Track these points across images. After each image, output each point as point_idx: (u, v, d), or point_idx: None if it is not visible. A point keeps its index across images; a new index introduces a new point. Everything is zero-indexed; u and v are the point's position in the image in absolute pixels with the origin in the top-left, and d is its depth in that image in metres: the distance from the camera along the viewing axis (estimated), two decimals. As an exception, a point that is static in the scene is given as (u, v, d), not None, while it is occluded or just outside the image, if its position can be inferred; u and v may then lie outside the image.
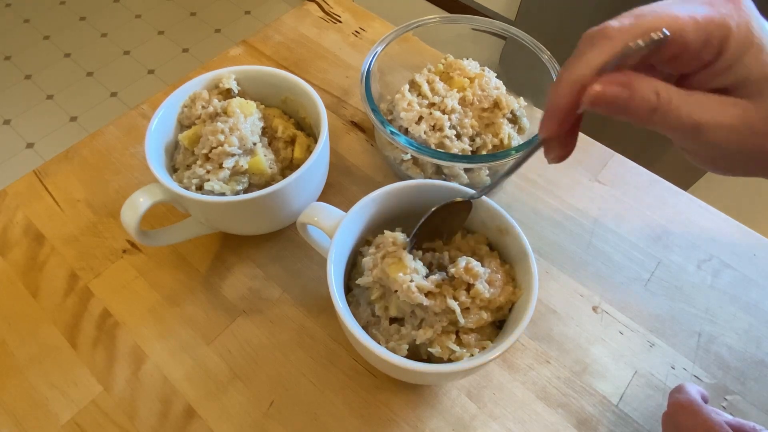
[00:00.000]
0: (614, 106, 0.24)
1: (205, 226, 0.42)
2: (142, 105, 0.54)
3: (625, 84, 0.24)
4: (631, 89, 0.23)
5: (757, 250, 0.46)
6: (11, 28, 1.89)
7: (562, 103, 0.25)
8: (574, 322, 0.42)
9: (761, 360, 0.40)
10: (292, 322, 0.41)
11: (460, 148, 0.43)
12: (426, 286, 0.32)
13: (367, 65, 0.45)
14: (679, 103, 0.24)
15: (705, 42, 0.23)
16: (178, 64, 1.81)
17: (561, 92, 0.25)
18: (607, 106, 0.24)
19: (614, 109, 0.24)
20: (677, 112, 0.24)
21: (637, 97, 0.23)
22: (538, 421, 0.37)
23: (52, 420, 0.37)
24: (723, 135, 0.24)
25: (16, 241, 0.45)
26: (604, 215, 0.48)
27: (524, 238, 0.34)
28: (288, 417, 0.37)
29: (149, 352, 0.40)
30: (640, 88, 0.24)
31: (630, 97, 0.23)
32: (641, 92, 0.24)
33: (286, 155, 0.42)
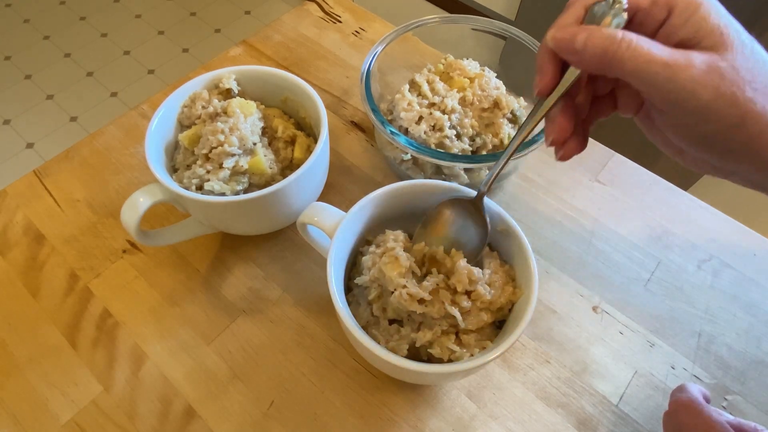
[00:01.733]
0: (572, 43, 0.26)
1: (205, 226, 0.42)
2: (142, 105, 0.54)
3: (584, 28, 0.27)
4: (589, 30, 0.26)
5: (757, 250, 0.46)
6: (11, 28, 1.89)
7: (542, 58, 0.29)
8: (574, 322, 0.42)
9: (761, 360, 0.40)
10: (292, 322, 0.41)
11: (460, 148, 0.43)
12: (419, 294, 0.32)
13: (367, 65, 0.45)
14: (647, 43, 0.25)
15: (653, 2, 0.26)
16: (178, 64, 1.81)
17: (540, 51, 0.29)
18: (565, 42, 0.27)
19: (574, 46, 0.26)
20: (647, 47, 0.25)
21: (597, 34, 0.26)
22: (538, 421, 0.37)
23: (52, 420, 0.37)
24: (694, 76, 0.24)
25: (16, 241, 0.45)
26: (604, 215, 0.48)
27: (524, 238, 0.34)
28: (288, 417, 0.37)
29: (149, 352, 0.40)
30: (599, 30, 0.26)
31: (590, 33, 0.26)
32: (601, 31, 0.26)
33: (286, 155, 0.42)
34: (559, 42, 0.27)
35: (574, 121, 0.30)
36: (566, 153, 0.31)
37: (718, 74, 0.24)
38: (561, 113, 0.30)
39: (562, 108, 0.30)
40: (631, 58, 0.25)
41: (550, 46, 0.28)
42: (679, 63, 0.24)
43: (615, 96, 0.32)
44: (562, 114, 0.30)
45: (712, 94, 0.24)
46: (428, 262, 0.35)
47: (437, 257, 0.35)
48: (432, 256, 0.35)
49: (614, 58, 0.25)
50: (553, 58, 0.29)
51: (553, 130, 0.30)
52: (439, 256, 0.35)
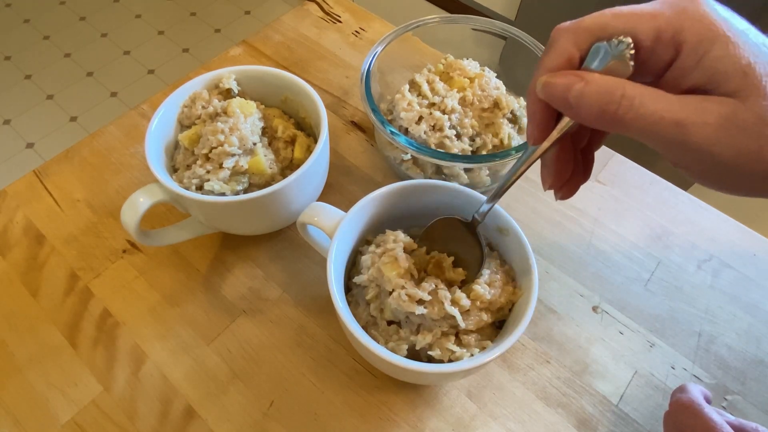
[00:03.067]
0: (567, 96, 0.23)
1: (205, 226, 0.42)
2: (142, 105, 0.54)
3: (580, 75, 0.23)
4: (587, 79, 0.22)
5: (757, 250, 0.46)
6: (11, 28, 1.89)
7: (533, 107, 0.26)
8: (574, 322, 0.42)
9: (761, 360, 0.40)
10: (292, 322, 0.41)
11: (460, 148, 0.43)
12: (418, 294, 0.32)
13: (367, 65, 0.45)
14: (653, 98, 0.21)
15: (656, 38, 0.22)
16: (178, 64, 1.81)
17: (530, 99, 0.26)
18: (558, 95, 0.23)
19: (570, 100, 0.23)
20: (653, 107, 0.21)
21: (595, 87, 0.22)
22: (538, 421, 0.37)
23: (52, 420, 0.37)
24: (710, 136, 0.21)
25: (16, 241, 0.45)
26: (604, 215, 0.48)
27: (524, 238, 0.34)
28: (288, 417, 0.37)
29: (149, 352, 0.40)
30: (601, 80, 0.22)
31: (585, 87, 0.22)
32: (601, 83, 0.22)
33: (286, 155, 0.42)
34: (550, 93, 0.24)
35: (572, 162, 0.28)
36: (566, 194, 0.29)
37: (739, 129, 0.21)
38: (557, 160, 0.27)
39: (558, 152, 0.27)
40: (634, 119, 0.21)
41: (540, 96, 0.24)
42: (694, 122, 0.21)
43: None
44: (558, 160, 0.27)
45: (732, 153, 0.21)
46: (433, 266, 0.35)
47: (444, 265, 0.35)
48: (438, 263, 0.35)
49: (615, 119, 0.22)
50: (545, 106, 0.25)
51: (549, 176, 0.28)
52: (446, 265, 0.34)
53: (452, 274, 0.34)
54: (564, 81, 0.23)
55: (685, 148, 0.21)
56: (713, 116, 0.21)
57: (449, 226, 0.35)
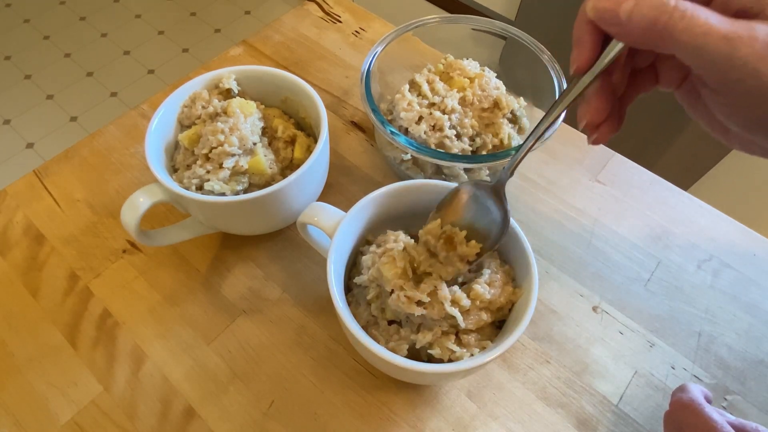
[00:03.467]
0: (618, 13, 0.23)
1: (205, 226, 0.42)
2: (142, 105, 0.54)
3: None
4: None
5: (757, 250, 0.46)
6: (11, 28, 1.89)
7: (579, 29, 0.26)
8: (574, 322, 0.42)
9: (761, 360, 0.40)
10: (292, 322, 0.41)
11: (460, 148, 0.43)
12: (417, 296, 0.32)
13: (367, 65, 0.45)
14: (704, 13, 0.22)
15: None
16: (178, 64, 1.81)
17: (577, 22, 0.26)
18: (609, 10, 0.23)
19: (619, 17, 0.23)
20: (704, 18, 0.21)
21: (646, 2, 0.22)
22: (538, 421, 0.37)
23: (52, 420, 0.37)
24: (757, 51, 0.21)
25: (16, 241, 0.45)
26: (604, 215, 0.48)
27: (524, 238, 0.34)
28: (288, 417, 0.37)
29: (149, 352, 0.40)
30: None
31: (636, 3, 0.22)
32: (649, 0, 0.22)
33: (286, 155, 0.42)
34: (601, 12, 0.24)
35: (610, 103, 0.28)
36: (600, 137, 0.28)
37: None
38: (597, 94, 0.27)
39: (599, 87, 0.27)
40: (685, 30, 0.22)
41: (590, 16, 0.24)
42: (741, 36, 0.21)
43: (656, 69, 0.28)
44: (598, 95, 0.27)
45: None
46: (444, 241, 0.33)
47: (455, 240, 0.33)
48: (450, 238, 0.33)
49: (665, 31, 0.22)
50: (593, 30, 0.25)
51: (587, 112, 0.28)
52: (458, 239, 0.33)
53: (465, 248, 0.33)
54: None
55: (731, 65, 0.22)
56: (762, 33, 0.21)
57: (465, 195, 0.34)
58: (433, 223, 0.34)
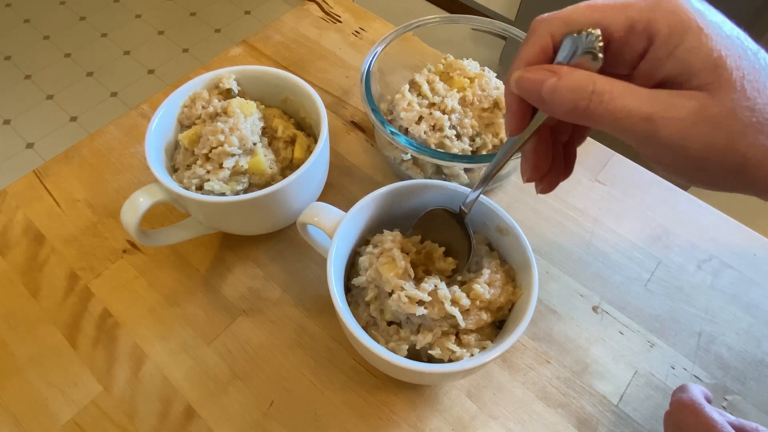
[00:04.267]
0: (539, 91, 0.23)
1: (205, 226, 0.42)
2: (142, 105, 0.54)
3: (553, 70, 0.23)
4: (560, 74, 0.23)
5: (757, 250, 0.46)
6: (11, 28, 1.89)
7: (509, 99, 0.26)
8: (574, 322, 0.42)
9: (761, 360, 0.40)
10: (292, 322, 0.41)
11: (460, 148, 0.43)
12: (418, 296, 0.32)
13: (367, 65, 0.45)
14: (622, 93, 0.22)
15: (629, 28, 0.22)
16: (178, 64, 1.81)
17: (506, 90, 0.26)
18: (531, 90, 0.24)
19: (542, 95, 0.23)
20: (621, 102, 0.21)
21: (567, 82, 0.22)
22: (538, 421, 0.37)
23: (52, 420, 0.37)
24: (680, 130, 0.21)
25: (16, 241, 0.45)
26: (604, 215, 0.48)
27: (524, 238, 0.34)
28: (288, 417, 0.37)
29: (149, 352, 0.40)
30: (572, 75, 0.22)
31: (557, 83, 0.22)
32: (573, 77, 0.22)
33: (286, 155, 0.42)
34: (523, 88, 0.24)
35: (551, 155, 0.28)
36: (546, 188, 0.29)
37: (710, 123, 0.21)
38: (534, 152, 0.28)
39: (535, 144, 0.27)
40: (604, 114, 0.22)
41: (514, 90, 0.25)
42: (662, 117, 0.21)
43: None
44: (534, 153, 0.28)
45: (702, 146, 0.21)
46: (423, 257, 0.36)
47: (434, 255, 0.35)
48: (429, 254, 0.35)
49: (586, 114, 0.22)
50: (521, 99, 0.26)
51: (528, 169, 0.28)
52: (437, 255, 0.35)
53: (443, 264, 0.35)
54: (536, 77, 0.23)
55: (655, 143, 0.22)
56: (683, 111, 0.21)
57: (439, 217, 0.35)
58: (413, 237, 0.36)
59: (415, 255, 0.36)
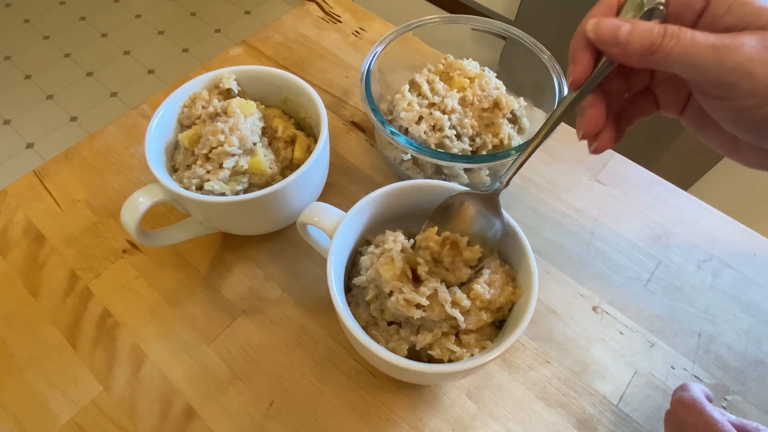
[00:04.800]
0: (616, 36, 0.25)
1: (205, 226, 0.42)
2: (142, 105, 0.54)
3: (626, 20, 0.26)
4: (633, 23, 0.25)
5: (757, 250, 0.46)
6: (11, 28, 1.89)
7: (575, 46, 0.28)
8: (574, 322, 0.42)
9: (761, 360, 0.40)
10: (292, 322, 0.41)
11: (460, 148, 0.43)
12: (416, 299, 0.32)
13: (367, 65, 0.45)
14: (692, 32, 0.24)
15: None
16: (178, 64, 1.81)
17: (574, 42, 0.28)
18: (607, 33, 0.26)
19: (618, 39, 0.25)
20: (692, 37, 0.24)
21: (640, 27, 0.25)
22: (538, 421, 0.37)
23: (52, 420, 0.37)
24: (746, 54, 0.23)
25: (16, 241, 0.45)
26: (604, 215, 0.48)
27: (524, 238, 0.34)
28: (288, 417, 0.37)
29: (149, 352, 0.40)
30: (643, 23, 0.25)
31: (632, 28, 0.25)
32: (645, 24, 0.25)
33: (286, 155, 0.42)
34: (602, 33, 0.26)
35: (606, 113, 0.30)
36: (599, 146, 0.30)
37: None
38: (592, 106, 0.29)
39: (592, 100, 0.29)
40: (675, 47, 0.24)
41: (590, 36, 0.27)
42: (728, 44, 0.23)
43: (654, 94, 0.31)
44: (593, 107, 0.29)
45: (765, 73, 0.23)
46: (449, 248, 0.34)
47: (460, 245, 0.34)
48: (455, 243, 0.34)
49: (660, 51, 0.25)
50: (588, 48, 0.28)
51: (584, 123, 0.30)
52: (462, 244, 0.34)
53: (468, 253, 0.34)
54: (613, 23, 0.26)
55: (723, 70, 0.23)
56: (749, 39, 0.23)
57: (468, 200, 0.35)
58: (430, 231, 0.34)
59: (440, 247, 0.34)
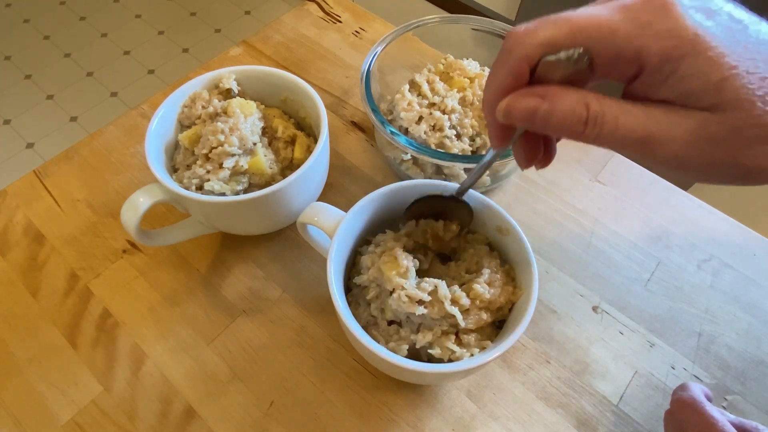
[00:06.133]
0: (533, 120, 0.22)
1: (205, 226, 0.42)
2: (142, 105, 0.54)
3: (543, 95, 0.22)
4: (552, 101, 0.22)
5: (757, 250, 0.46)
6: (11, 28, 1.89)
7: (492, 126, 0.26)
8: (574, 322, 0.42)
9: (761, 360, 0.40)
10: (292, 322, 0.41)
11: (460, 148, 0.43)
12: (418, 295, 0.32)
13: (367, 65, 0.45)
14: (617, 114, 0.21)
15: (616, 56, 0.21)
16: (178, 64, 1.81)
17: (489, 120, 0.26)
18: (523, 119, 0.23)
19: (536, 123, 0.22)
20: (617, 122, 0.21)
21: (560, 108, 0.21)
22: (538, 421, 0.37)
23: (52, 420, 0.37)
24: (677, 150, 0.20)
25: (16, 241, 0.45)
26: (604, 215, 0.48)
27: (524, 238, 0.34)
28: (288, 417, 0.37)
29: (149, 352, 0.40)
30: (563, 99, 0.21)
31: (550, 109, 0.22)
32: (565, 103, 0.21)
33: (286, 155, 0.42)
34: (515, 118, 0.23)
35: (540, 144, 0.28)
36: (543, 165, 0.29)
37: (709, 142, 0.20)
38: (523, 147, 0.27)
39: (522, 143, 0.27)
40: (601, 136, 0.21)
41: (502, 121, 0.24)
42: (658, 137, 0.20)
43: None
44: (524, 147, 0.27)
45: (702, 162, 0.21)
46: (432, 240, 0.36)
47: (439, 233, 0.36)
48: (435, 233, 0.36)
49: (582, 137, 0.22)
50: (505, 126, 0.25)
51: (522, 161, 0.28)
52: (439, 230, 0.36)
53: (449, 232, 0.36)
54: (527, 105, 0.22)
55: (654, 161, 0.21)
56: (679, 131, 0.20)
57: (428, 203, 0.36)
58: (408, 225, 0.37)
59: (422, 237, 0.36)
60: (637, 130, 0.21)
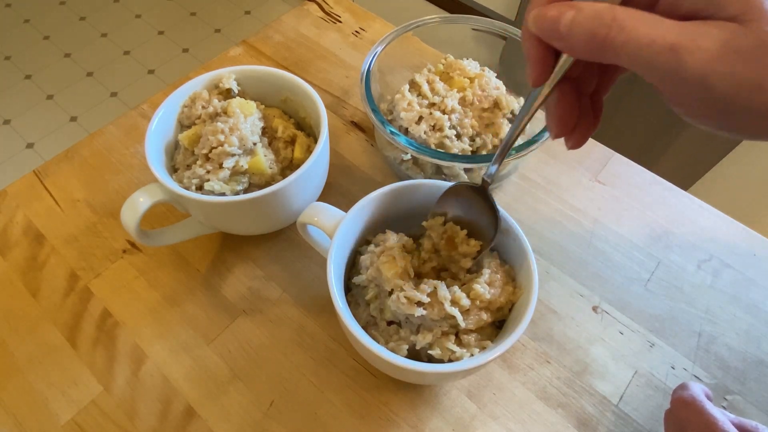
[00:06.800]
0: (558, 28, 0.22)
1: (205, 226, 0.42)
2: (142, 105, 0.54)
3: (571, 5, 0.22)
4: (578, 7, 0.21)
5: (757, 250, 0.46)
6: (11, 28, 1.89)
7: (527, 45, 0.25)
8: (574, 322, 0.42)
9: (761, 360, 0.40)
10: (292, 322, 0.41)
11: (460, 148, 0.43)
12: (417, 297, 0.32)
13: (367, 65, 0.45)
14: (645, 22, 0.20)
15: None
16: (178, 64, 1.81)
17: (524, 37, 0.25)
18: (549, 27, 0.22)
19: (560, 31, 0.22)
20: (644, 30, 0.20)
21: (585, 14, 0.21)
22: (538, 421, 0.37)
23: (52, 420, 0.37)
24: (706, 62, 0.19)
25: (16, 241, 0.45)
26: (604, 215, 0.48)
27: (524, 238, 0.34)
28: (288, 417, 0.37)
29: (149, 352, 0.40)
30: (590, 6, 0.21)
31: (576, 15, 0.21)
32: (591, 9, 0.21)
33: (286, 155, 0.42)
34: (541, 25, 0.23)
35: (577, 107, 0.26)
36: (576, 142, 0.27)
37: (738, 56, 0.19)
38: (559, 104, 0.26)
39: (559, 97, 0.26)
40: (626, 42, 0.20)
41: (531, 30, 0.23)
42: (686, 46, 0.19)
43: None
44: (560, 104, 0.26)
45: (728, 84, 0.19)
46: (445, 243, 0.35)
47: (456, 240, 0.34)
48: (450, 239, 0.34)
49: (605, 44, 0.21)
50: (540, 43, 0.24)
51: (553, 123, 0.27)
52: (459, 239, 0.34)
53: (466, 247, 0.34)
54: (555, 12, 0.22)
55: (679, 78, 0.20)
56: (710, 41, 0.19)
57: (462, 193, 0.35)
58: (435, 219, 0.35)
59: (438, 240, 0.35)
60: (667, 38, 0.19)
